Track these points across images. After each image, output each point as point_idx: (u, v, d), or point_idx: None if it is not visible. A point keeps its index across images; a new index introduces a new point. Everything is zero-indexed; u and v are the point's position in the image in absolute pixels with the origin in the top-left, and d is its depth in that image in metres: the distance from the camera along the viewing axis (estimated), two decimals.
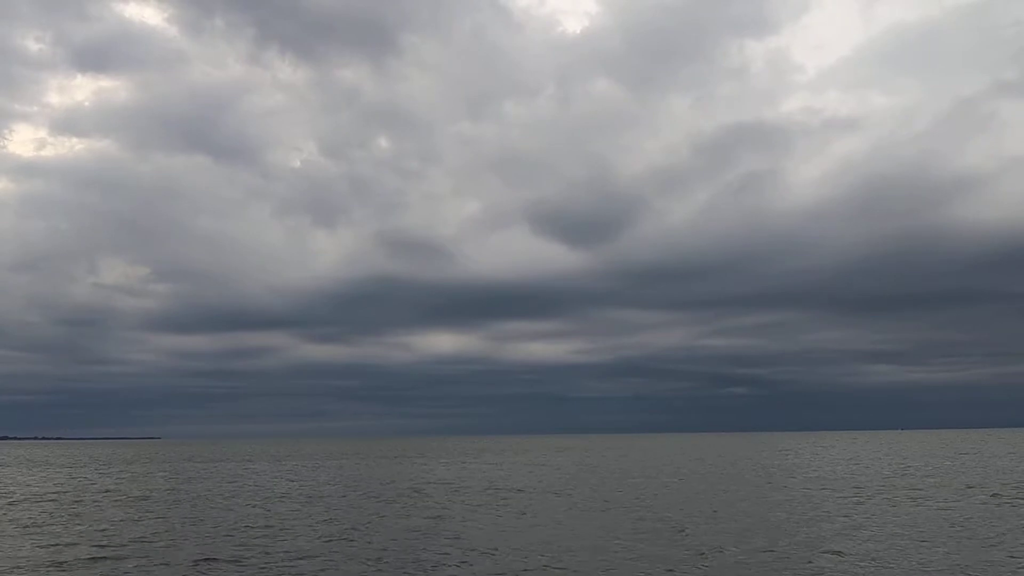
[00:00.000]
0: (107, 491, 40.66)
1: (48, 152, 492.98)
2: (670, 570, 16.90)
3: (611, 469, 55.36)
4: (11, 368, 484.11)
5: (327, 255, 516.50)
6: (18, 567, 18.23)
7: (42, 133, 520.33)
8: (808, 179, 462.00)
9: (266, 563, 18.36)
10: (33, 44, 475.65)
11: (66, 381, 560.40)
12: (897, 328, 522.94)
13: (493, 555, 18.95)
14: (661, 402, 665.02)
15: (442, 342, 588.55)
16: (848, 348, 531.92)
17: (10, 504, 33.55)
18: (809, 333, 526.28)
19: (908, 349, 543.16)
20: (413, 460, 77.06)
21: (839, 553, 18.42)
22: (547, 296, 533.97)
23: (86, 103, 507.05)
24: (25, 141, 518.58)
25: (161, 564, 18.46)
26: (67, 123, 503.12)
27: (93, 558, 19.37)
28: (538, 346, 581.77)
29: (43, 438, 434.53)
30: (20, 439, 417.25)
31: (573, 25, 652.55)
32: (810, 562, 17.49)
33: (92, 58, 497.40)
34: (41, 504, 33.46)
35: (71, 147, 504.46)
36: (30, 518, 27.89)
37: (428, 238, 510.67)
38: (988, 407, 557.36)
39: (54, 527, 25.28)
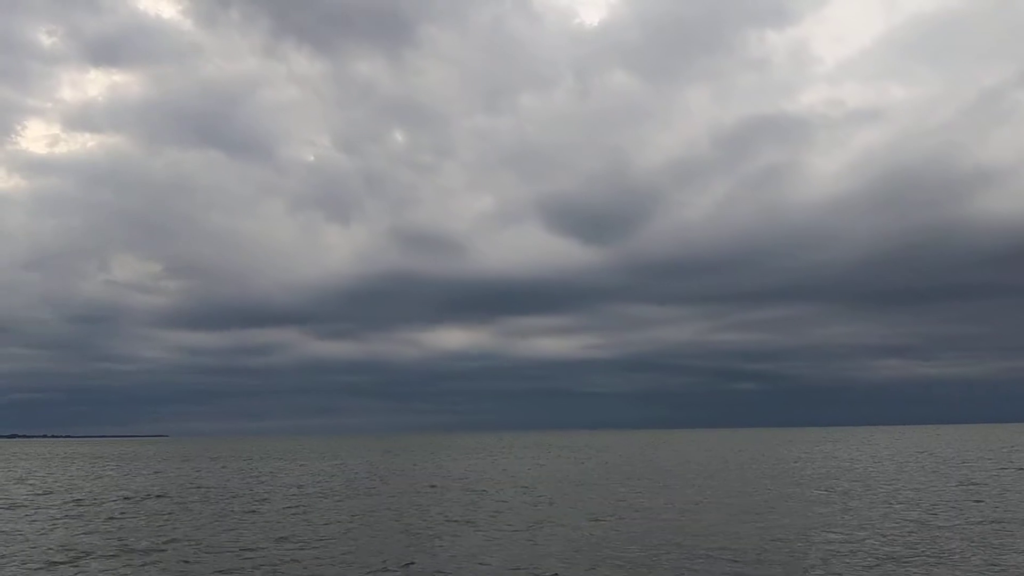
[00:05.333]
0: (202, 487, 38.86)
1: (61, 148, 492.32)
2: None
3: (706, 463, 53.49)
4: (23, 366, 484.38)
5: (340, 251, 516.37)
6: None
7: (55, 129, 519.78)
8: (828, 172, 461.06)
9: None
10: (45, 38, 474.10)
11: (77, 379, 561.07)
12: (908, 322, 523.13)
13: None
14: (670, 397, 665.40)
15: (453, 338, 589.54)
16: (859, 343, 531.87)
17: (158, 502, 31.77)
18: (821, 327, 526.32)
19: (919, 343, 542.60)
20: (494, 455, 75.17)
21: None
22: (559, 291, 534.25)
23: (99, 98, 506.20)
24: (38, 137, 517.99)
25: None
26: (80, 119, 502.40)
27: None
28: (548, 341, 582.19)
29: (52, 436, 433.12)
30: (29, 437, 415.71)
31: (591, 16, 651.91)
32: None
33: (105, 52, 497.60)
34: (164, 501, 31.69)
35: (84, 143, 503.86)
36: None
37: (441, 233, 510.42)
38: (999, 402, 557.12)
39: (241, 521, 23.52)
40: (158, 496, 35.47)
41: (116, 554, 19.24)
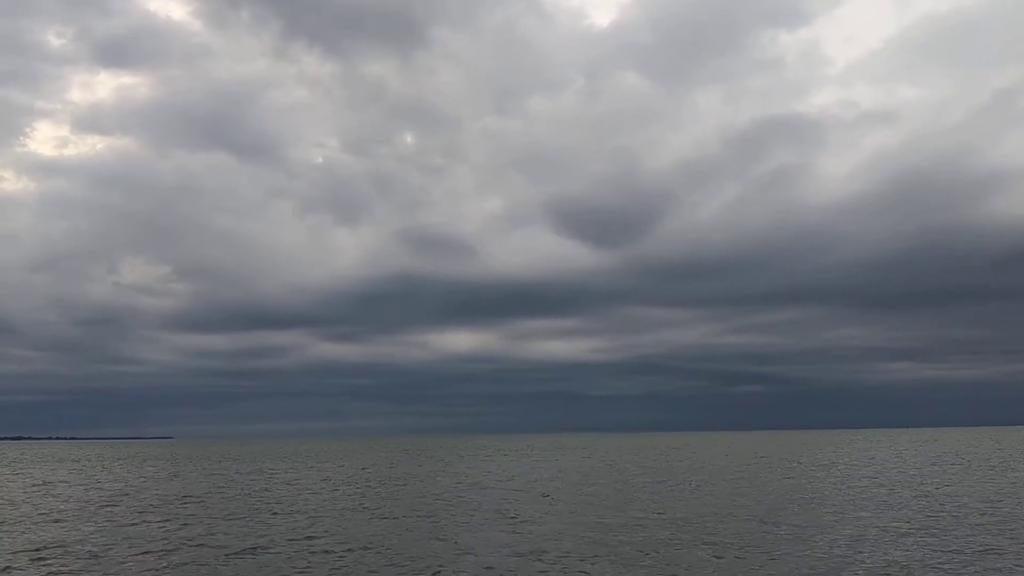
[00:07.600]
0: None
1: (70, 151, 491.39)
2: None
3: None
4: (30, 368, 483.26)
5: (348, 253, 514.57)
6: None
7: (64, 131, 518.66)
8: (839, 173, 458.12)
9: None
10: (55, 39, 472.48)
11: (84, 381, 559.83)
12: (917, 325, 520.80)
13: None
14: (677, 400, 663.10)
15: (460, 340, 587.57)
16: (868, 345, 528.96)
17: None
18: (829, 330, 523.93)
19: (928, 346, 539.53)
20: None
21: None
22: (567, 293, 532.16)
23: (108, 100, 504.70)
24: (47, 139, 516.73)
25: None
26: (89, 121, 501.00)
27: None
28: (555, 344, 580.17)
29: (57, 438, 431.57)
30: (35, 439, 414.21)
31: (602, 18, 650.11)
32: None
33: (115, 53, 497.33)
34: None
35: (93, 145, 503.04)
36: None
37: (450, 235, 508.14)
38: (1006, 404, 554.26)
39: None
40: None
41: None
